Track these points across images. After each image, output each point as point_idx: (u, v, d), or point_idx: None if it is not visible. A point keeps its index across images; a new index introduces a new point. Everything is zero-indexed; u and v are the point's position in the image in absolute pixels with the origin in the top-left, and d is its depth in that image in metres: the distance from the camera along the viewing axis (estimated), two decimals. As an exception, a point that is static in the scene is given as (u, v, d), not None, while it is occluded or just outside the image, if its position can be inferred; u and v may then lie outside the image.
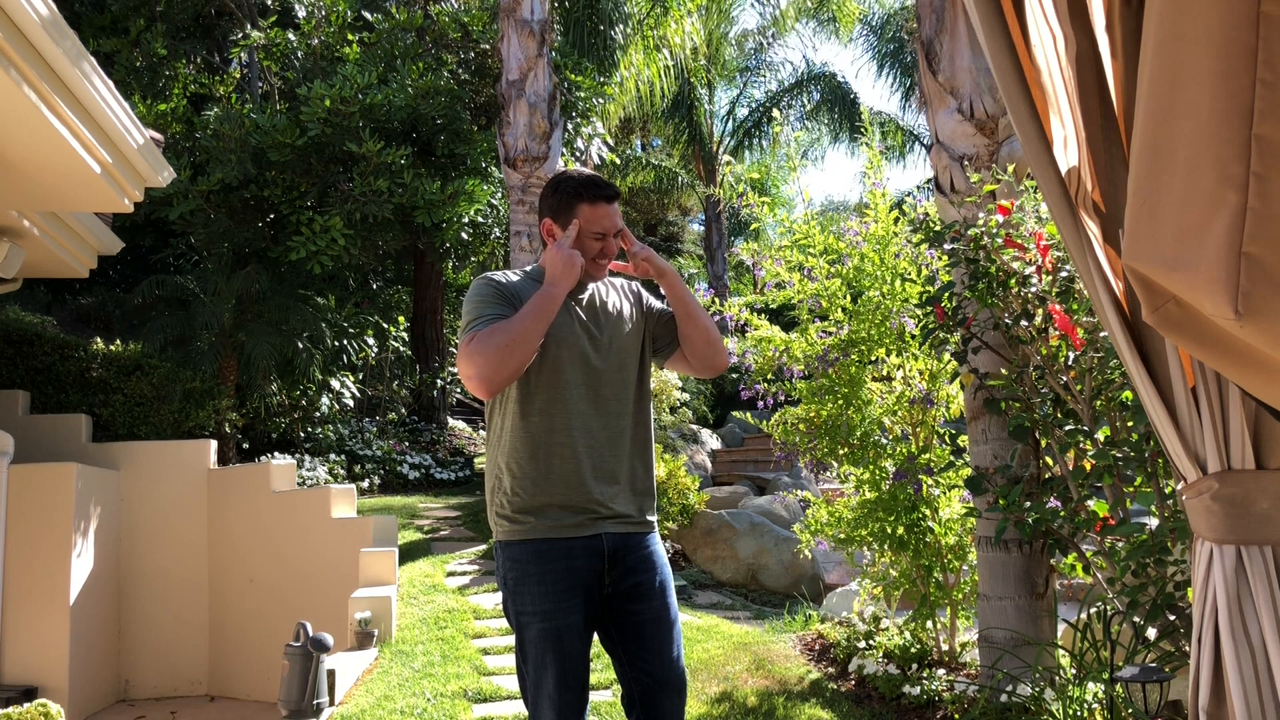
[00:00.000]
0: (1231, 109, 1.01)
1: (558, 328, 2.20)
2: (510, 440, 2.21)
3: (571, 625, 2.14)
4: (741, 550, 7.80)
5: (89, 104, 4.38)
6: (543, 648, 2.13)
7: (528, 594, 2.15)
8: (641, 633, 2.22)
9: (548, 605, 2.14)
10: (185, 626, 7.03)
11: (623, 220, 2.31)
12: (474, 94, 11.04)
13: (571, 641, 2.14)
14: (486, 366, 2.05)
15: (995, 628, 3.95)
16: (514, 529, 2.19)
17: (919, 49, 4.40)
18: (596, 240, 2.25)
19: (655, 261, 2.33)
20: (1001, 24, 1.38)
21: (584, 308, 2.29)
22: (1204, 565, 1.37)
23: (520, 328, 2.08)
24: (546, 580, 2.14)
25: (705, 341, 2.29)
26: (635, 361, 2.32)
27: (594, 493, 2.19)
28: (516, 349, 2.06)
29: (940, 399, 4.88)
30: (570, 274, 2.18)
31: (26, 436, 6.83)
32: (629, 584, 2.22)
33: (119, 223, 8.37)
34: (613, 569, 2.20)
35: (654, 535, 2.32)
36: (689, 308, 2.30)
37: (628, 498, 2.25)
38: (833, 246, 5.07)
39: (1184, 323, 1.12)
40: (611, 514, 2.21)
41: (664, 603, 2.25)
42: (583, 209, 2.24)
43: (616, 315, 2.32)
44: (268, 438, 10.79)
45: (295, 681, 4.32)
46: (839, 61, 63.82)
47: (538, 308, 2.12)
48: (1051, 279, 3.33)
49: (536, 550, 2.16)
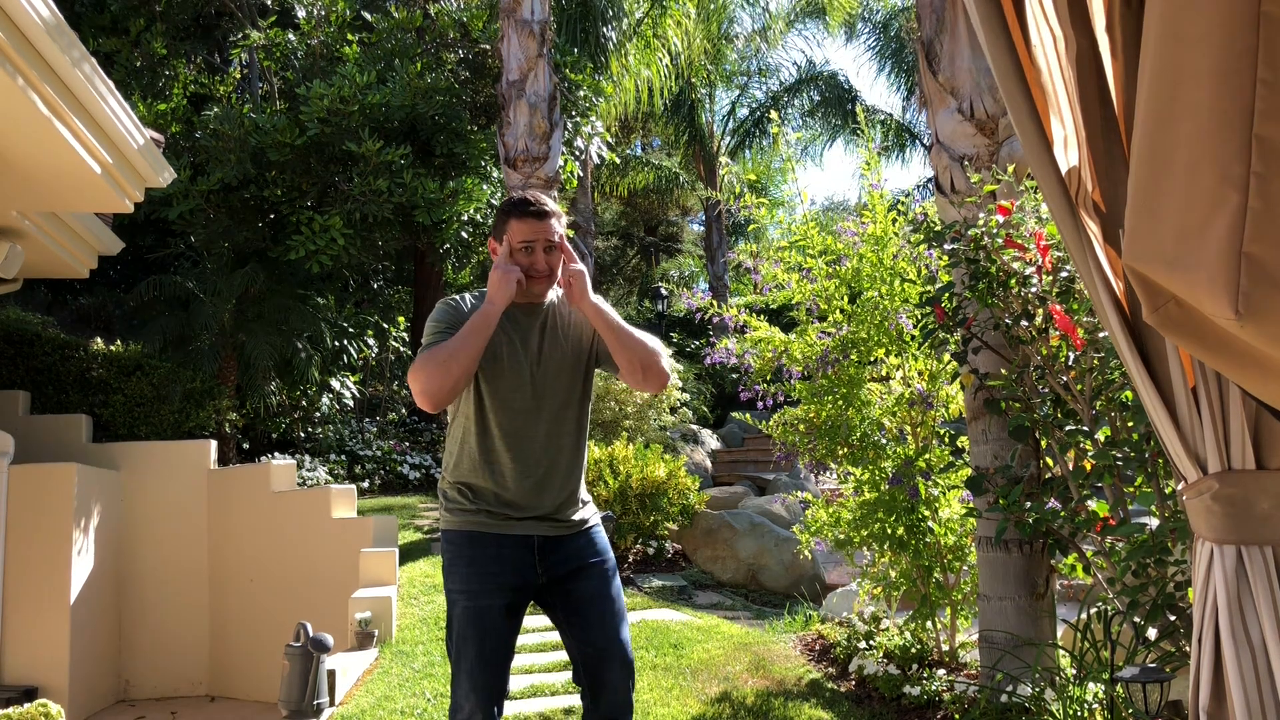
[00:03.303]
0: (1232, 109, 1.01)
1: (501, 346, 2.36)
2: (453, 447, 2.43)
3: (494, 607, 2.31)
4: (741, 550, 7.80)
5: (90, 105, 4.38)
6: (464, 623, 2.31)
7: (457, 574, 2.35)
8: (580, 607, 2.39)
9: (473, 585, 2.32)
10: (186, 627, 7.03)
11: (560, 237, 2.40)
12: (474, 94, 11.04)
13: (493, 620, 2.30)
14: (428, 382, 2.21)
15: (995, 628, 3.95)
16: (451, 520, 2.41)
17: (919, 49, 4.40)
18: (524, 254, 2.37)
19: (576, 287, 2.37)
20: (1001, 24, 1.39)
21: (534, 328, 2.42)
22: (1204, 565, 1.37)
23: (455, 345, 2.24)
24: (476, 563, 2.34)
25: (631, 368, 2.37)
26: (578, 380, 2.46)
27: (527, 502, 2.36)
28: (453, 365, 2.22)
29: (940, 399, 4.88)
30: (504, 290, 2.30)
31: (27, 437, 6.83)
32: (564, 570, 2.40)
33: (119, 223, 8.37)
34: (543, 560, 2.38)
35: (590, 531, 2.47)
36: (615, 336, 2.37)
37: (560, 506, 2.41)
38: (831, 247, 5.07)
39: (1184, 323, 1.12)
40: (543, 518, 2.39)
41: (602, 581, 2.42)
42: (511, 224, 2.38)
43: (564, 335, 2.45)
44: (268, 438, 10.80)
45: (296, 682, 4.32)
46: (840, 60, 63.89)
47: (472, 325, 2.27)
48: (1051, 279, 3.33)
49: (469, 537, 2.36)
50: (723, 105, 20.37)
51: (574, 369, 2.44)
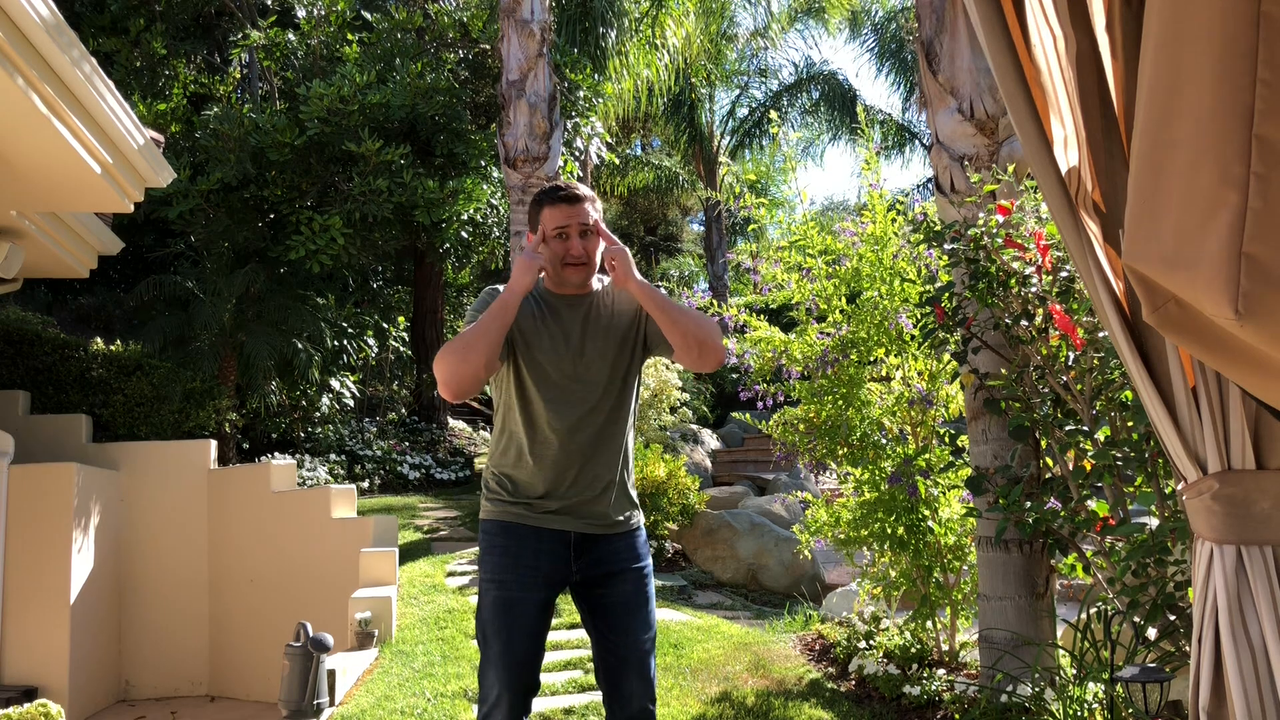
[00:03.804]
0: (1231, 109, 1.01)
1: (543, 338, 2.32)
2: (497, 436, 2.40)
3: (525, 599, 2.28)
4: (741, 550, 7.80)
5: (90, 105, 4.38)
6: (494, 613, 2.28)
7: (490, 563, 2.32)
8: (609, 613, 2.36)
9: (505, 576, 2.29)
10: (186, 627, 7.03)
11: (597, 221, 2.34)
12: (474, 94, 11.04)
13: (523, 612, 2.27)
14: (445, 371, 2.18)
15: (995, 628, 3.95)
16: (489, 509, 2.39)
17: (919, 49, 4.40)
18: (559, 240, 2.32)
19: (620, 267, 2.28)
20: (1001, 24, 1.38)
21: (577, 320, 2.36)
22: (1204, 565, 1.37)
23: (472, 335, 2.19)
24: (510, 553, 2.30)
25: (685, 346, 2.28)
26: (619, 373, 2.38)
27: (568, 497, 2.32)
28: (470, 354, 2.17)
29: (940, 399, 4.88)
30: (524, 277, 2.24)
31: (27, 436, 6.83)
32: (599, 571, 2.35)
33: (119, 222, 8.38)
34: (579, 558, 2.34)
35: (632, 534, 2.42)
36: (665, 314, 2.27)
37: (602, 503, 2.36)
38: (831, 247, 5.07)
39: (1184, 323, 1.12)
40: (582, 514, 2.34)
41: (637, 589, 2.37)
42: (545, 212, 2.33)
43: (606, 326, 2.38)
44: (268, 438, 10.80)
45: (296, 681, 4.32)
46: (840, 60, 63.88)
47: (490, 313, 2.21)
48: (1051, 279, 3.33)
49: (505, 527, 2.33)
50: (723, 105, 20.37)
51: (617, 359, 2.37)
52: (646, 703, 2.35)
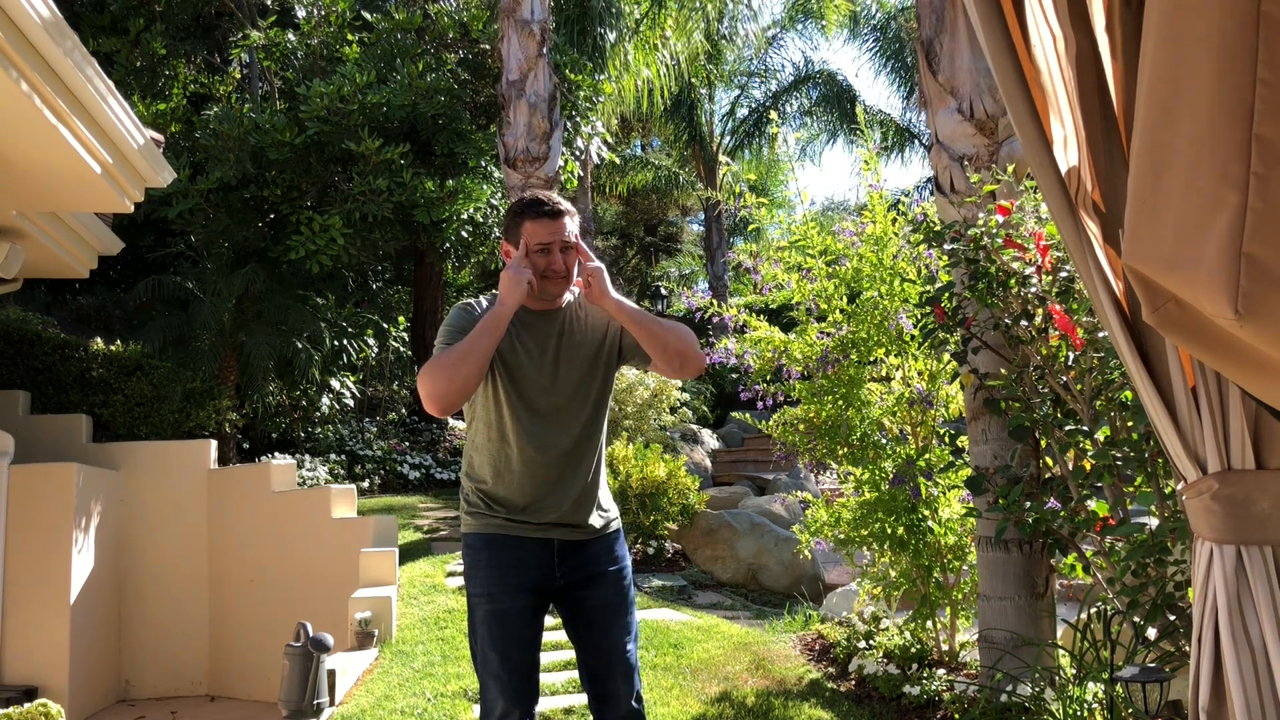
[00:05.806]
0: (1231, 109, 1.01)
1: (519, 353, 2.33)
2: (471, 451, 2.41)
3: (516, 609, 2.29)
4: (741, 550, 7.80)
5: (90, 105, 4.38)
6: (487, 626, 2.29)
7: (477, 577, 2.33)
8: (589, 616, 2.37)
9: (494, 589, 2.30)
10: (186, 626, 7.03)
11: (575, 236, 2.35)
12: (474, 94, 11.04)
13: (515, 622, 2.28)
14: (434, 385, 2.17)
15: (995, 628, 3.95)
16: (471, 523, 2.39)
17: (919, 49, 4.40)
18: (540, 255, 2.31)
19: (596, 285, 2.30)
20: (1001, 24, 1.39)
21: (551, 334, 2.38)
22: (1204, 565, 1.37)
23: (463, 349, 2.19)
24: (495, 565, 2.31)
25: (666, 358, 2.31)
26: (594, 386, 2.40)
27: (546, 507, 2.34)
28: (460, 369, 2.17)
29: (940, 399, 4.88)
30: (514, 292, 2.25)
31: (27, 436, 6.82)
32: (581, 575, 2.37)
33: (119, 222, 8.37)
34: (563, 564, 2.36)
35: (610, 537, 2.44)
36: (643, 329, 2.30)
37: (581, 512, 2.38)
38: (831, 247, 5.07)
39: (1184, 323, 1.12)
40: (563, 523, 2.36)
41: (615, 590, 2.39)
42: (526, 226, 2.32)
43: (580, 341, 2.40)
44: (268, 438, 10.80)
45: (295, 681, 4.32)
46: (840, 60, 63.88)
47: (481, 328, 2.22)
48: (1051, 279, 3.33)
49: (488, 539, 2.34)
50: (722, 105, 20.37)
51: (591, 371, 2.39)
52: (633, 703, 2.37)
